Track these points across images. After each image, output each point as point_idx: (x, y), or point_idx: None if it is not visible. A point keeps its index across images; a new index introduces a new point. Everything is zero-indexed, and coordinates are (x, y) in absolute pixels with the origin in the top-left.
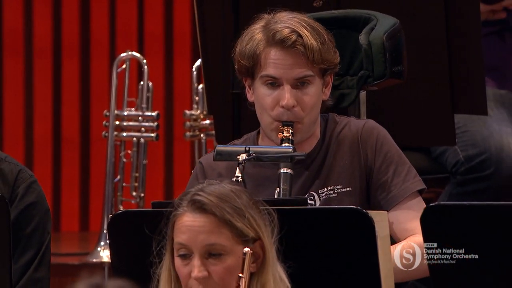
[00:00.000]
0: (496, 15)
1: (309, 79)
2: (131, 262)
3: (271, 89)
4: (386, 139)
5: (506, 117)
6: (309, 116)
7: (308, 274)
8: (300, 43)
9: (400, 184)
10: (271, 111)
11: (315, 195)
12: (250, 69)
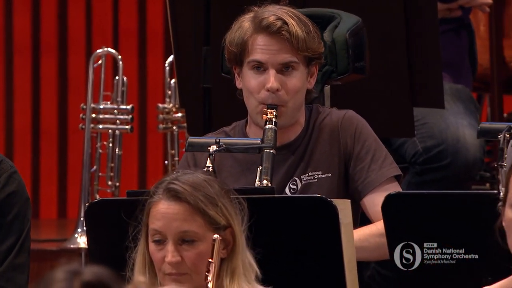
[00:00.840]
0: (453, 13)
1: (294, 65)
2: (107, 248)
3: (257, 73)
4: (365, 128)
5: (462, 110)
6: (293, 100)
7: (275, 260)
8: (285, 30)
9: (377, 170)
10: (257, 94)
11: (297, 180)
12: (239, 56)
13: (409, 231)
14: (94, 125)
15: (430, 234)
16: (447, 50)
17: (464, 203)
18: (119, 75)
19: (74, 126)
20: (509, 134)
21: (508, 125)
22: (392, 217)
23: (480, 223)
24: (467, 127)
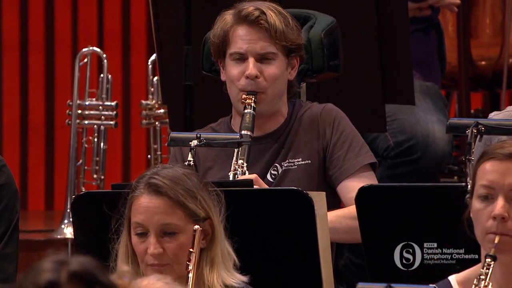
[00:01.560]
0: (423, 12)
1: (272, 55)
2: (93, 238)
3: (238, 63)
4: (343, 119)
5: (431, 107)
6: (272, 88)
7: (253, 249)
8: (263, 19)
9: (353, 158)
10: (238, 82)
11: (278, 166)
12: (222, 48)
13: (382, 222)
14: (80, 121)
15: (401, 224)
16: (417, 49)
17: (433, 195)
18: (104, 73)
19: (61, 122)
20: (477, 129)
21: (476, 120)
22: (365, 209)
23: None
24: (436, 123)
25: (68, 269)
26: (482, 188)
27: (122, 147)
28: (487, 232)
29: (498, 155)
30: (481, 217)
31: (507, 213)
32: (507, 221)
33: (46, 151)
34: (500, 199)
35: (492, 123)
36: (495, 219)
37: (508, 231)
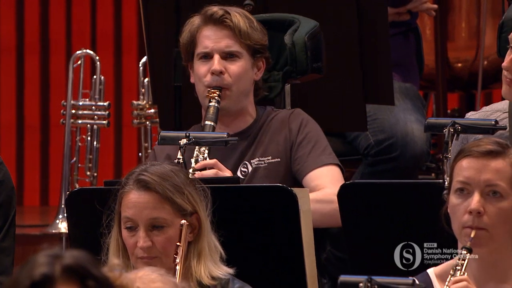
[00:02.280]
0: (401, 17)
1: (237, 53)
2: (86, 233)
3: (204, 61)
4: (310, 122)
5: (410, 107)
6: (237, 85)
7: (239, 242)
8: (228, 18)
9: (315, 157)
10: (204, 79)
11: (247, 164)
12: (190, 50)
13: (363, 217)
14: (74, 120)
15: (382, 219)
16: (396, 52)
17: (412, 192)
18: (96, 75)
19: (56, 121)
20: (453, 128)
21: (452, 120)
22: (347, 205)
23: (426, 210)
24: (414, 122)
25: (62, 263)
26: (459, 184)
27: (114, 146)
28: (464, 226)
29: (475, 152)
30: (458, 211)
31: (483, 207)
32: (483, 215)
33: (42, 149)
34: (476, 195)
35: (468, 123)
36: (471, 214)
37: (484, 225)
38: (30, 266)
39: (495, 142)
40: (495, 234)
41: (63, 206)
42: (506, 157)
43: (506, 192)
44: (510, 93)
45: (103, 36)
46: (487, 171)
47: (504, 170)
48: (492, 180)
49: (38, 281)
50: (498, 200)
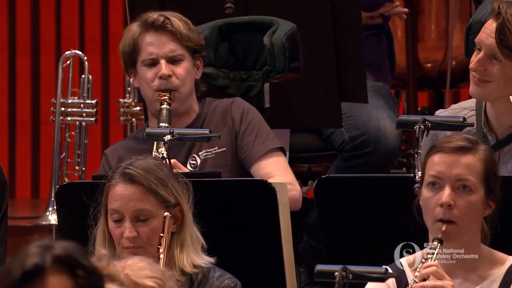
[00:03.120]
0: (374, 20)
1: (181, 56)
2: (75, 224)
3: (150, 67)
4: (251, 110)
5: (383, 105)
6: (183, 86)
7: (220, 233)
8: (169, 24)
9: (261, 143)
10: (152, 83)
11: (196, 157)
12: (132, 57)
13: (339, 208)
14: (63, 117)
15: (356, 211)
16: (369, 53)
17: (385, 185)
18: (85, 74)
19: (46, 118)
20: (424, 125)
21: (423, 117)
22: (323, 198)
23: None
24: (387, 119)
25: (53, 253)
26: (431, 178)
27: (102, 142)
28: (435, 219)
29: (446, 148)
30: (429, 204)
31: (453, 201)
32: (453, 208)
33: (32, 145)
34: (447, 189)
35: (438, 120)
36: (442, 207)
37: (454, 217)
38: (22, 257)
39: (466, 138)
40: (465, 227)
41: (53, 199)
42: (476, 153)
43: (476, 186)
44: (477, 92)
45: (91, 38)
46: (457, 166)
47: (474, 166)
48: (462, 175)
49: (29, 270)
50: (468, 194)
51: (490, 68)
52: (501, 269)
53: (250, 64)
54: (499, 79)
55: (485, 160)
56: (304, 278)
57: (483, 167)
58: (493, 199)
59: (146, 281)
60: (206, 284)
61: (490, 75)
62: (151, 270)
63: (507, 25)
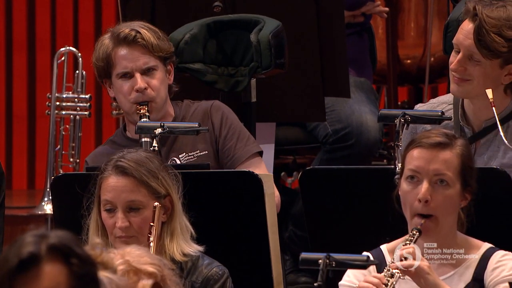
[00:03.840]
0: (356, 18)
1: (154, 67)
2: (69, 214)
3: (125, 80)
4: (230, 114)
5: (365, 99)
6: (159, 96)
7: (208, 223)
8: (140, 37)
9: (242, 148)
10: (129, 96)
11: (176, 160)
12: (106, 70)
13: (322, 199)
14: (58, 111)
15: (339, 201)
16: (352, 50)
17: (367, 176)
18: (79, 70)
19: (41, 112)
20: (404, 119)
21: (403, 111)
22: (307, 189)
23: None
24: (368, 113)
25: (47, 242)
26: (410, 172)
27: (95, 135)
28: (414, 213)
29: (425, 144)
30: (408, 197)
31: (430, 196)
32: (431, 203)
33: (29, 138)
34: (425, 183)
35: (417, 114)
36: (421, 202)
37: (432, 211)
38: (18, 246)
39: (444, 134)
40: (442, 219)
41: (48, 190)
42: (453, 149)
43: (452, 181)
44: (459, 91)
45: (84, 35)
46: (435, 161)
47: (451, 161)
48: (440, 170)
49: (25, 259)
50: (445, 188)
51: (469, 68)
52: (476, 254)
53: (237, 60)
54: (479, 78)
55: (462, 155)
56: (289, 266)
57: (460, 162)
58: (469, 191)
59: (147, 267)
60: (195, 272)
61: (470, 74)
62: (150, 257)
63: (484, 26)
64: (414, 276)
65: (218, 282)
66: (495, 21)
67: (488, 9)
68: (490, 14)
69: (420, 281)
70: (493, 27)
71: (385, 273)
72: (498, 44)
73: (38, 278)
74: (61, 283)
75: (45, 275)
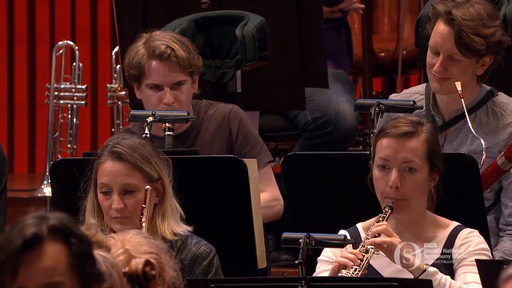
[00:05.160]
0: (334, 14)
1: (183, 81)
2: (67, 196)
3: (154, 91)
4: (247, 122)
5: (342, 90)
6: (184, 108)
7: (196, 205)
8: (173, 55)
9: (255, 155)
10: (156, 108)
11: None
12: (138, 77)
13: (303, 182)
14: (57, 101)
15: (318, 183)
16: (330, 43)
17: (344, 161)
18: (76, 62)
19: (41, 101)
20: (378, 108)
21: (377, 101)
22: (289, 172)
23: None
24: (345, 103)
25: (48, 223)
26: (380, 160)
27: (91, 122)
28: (385, 197)
29: (392, 133)
30: (380, 183)
31: (400, 182)
32: (401, 188)
33: (29, 125)
34: (395, 171)
35: (391, 103)
36: (391, 188)
37: (402, 196)
38: (20, 227)
39: (410, 122)
40: (413, 201)
41: (47, 174)
42: (419, 136)
43: (420, 166)
44: (441, 89)
45: (81, 29)
46: (403, 150)
47: (418, 148)
48: (407, 158)
49: (29, 239)
50: (413, 174)
51: (450, 68)
52: (445, 232)
53: (223, 53)
54: (459, 75)
55: (428, 140)
56: (272, 244)
57: (426, 148)
58: (437, 172)
59: (145, 257)
60: (185, 250)
61: (451, 73)
62: (148, 246)
63: (463, 29)
64: (386, 251)
65: (206, 259)
66: (471, 22)
67: (460, 11)
68: (465, 16)
69: (393, 255)
70: (470, 29)
71: (360, 248)
72: (477, 43)
73: (41, 257)
74: (62, 261)
75: (47, 254)
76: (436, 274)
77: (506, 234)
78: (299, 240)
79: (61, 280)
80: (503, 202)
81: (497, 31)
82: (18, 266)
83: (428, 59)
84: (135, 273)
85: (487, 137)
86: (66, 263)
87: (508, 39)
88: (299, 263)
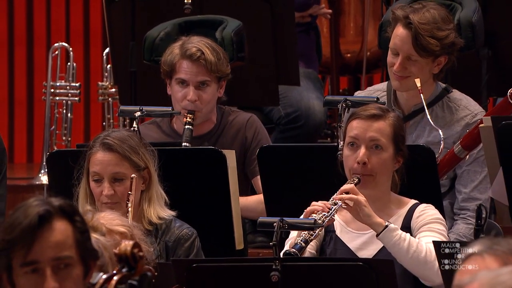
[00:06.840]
0: (305, 19)
1: (207, 82)
2: (62, 184)
3: (181, 87)
4: (262, 130)
5: (312, 87)
6: (206, 108)
7: (179, 192)
8: (202, 58)
9: None
10: (181, 103)
11: None
12: (169, 73)
13: (278, 171)
14: (53, 97)
15: (292, 173)
16: (300, 45)
17: (314, 152)
18: (70, 62)
19: (39, 97)
20: (345, 104)
21: (344, 97)
22: (264, 163)
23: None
24: (315, 99)
25: (53, 204)
26: (350, 139)
27: (84, 117)
28: (353, 173)
29: (362, 115)
30: (349, 161)
31: (367, 159)
32: (368, 164)
33: (28, 119)
34: (363, 148)
35: (356, 99)
36: (359, 164)
37: (369, 171)
38: (26, 208)
39: (378, 107)
40: (378, 178)
41: (44, 163)
42: (386, 119)
43: (386, 146)
44: (401, 87)
45: (75, 32)
46: (371, 130)
47: (385, 129)
48: (375, 137)
49: (43, 215)
50: (379, 152)
51: (409, 67)
52: (404, 208)
53: None
54: (417, 74)
55: (394, 124)
56: (249, 228)
57: (392, 130)
58: (401, 155)
59: (118, 228)
60: (168, 233)
61: (410, 72)
62: (120, 220)
63: (420, 32)
64: (352, 209)
65: (188, 241)
66: (426, 25)
67: (417, 16)
68: (421, 20)
69: (357, 212)
70: (426, 32)
71: (330, 202)
72: (433, 45)
73: (52, 231)
74: (69, 236)
75: (58, 229)
76: (396, 229)
77: (460, 217)
78: (273, 224)
79: (68, 254)
80: (457, 188)
81: (450, 33)
82: (34, 240)
83: (389, 59)
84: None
85: (443, 130)
86: (73, 238)
87: (461, 41)
88: (273, 244)
